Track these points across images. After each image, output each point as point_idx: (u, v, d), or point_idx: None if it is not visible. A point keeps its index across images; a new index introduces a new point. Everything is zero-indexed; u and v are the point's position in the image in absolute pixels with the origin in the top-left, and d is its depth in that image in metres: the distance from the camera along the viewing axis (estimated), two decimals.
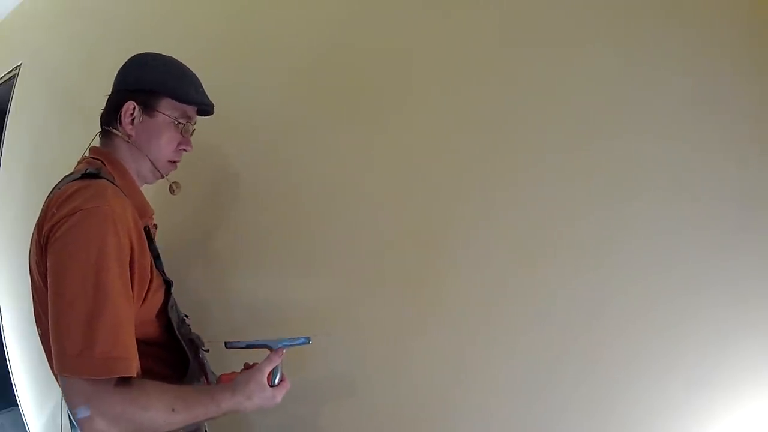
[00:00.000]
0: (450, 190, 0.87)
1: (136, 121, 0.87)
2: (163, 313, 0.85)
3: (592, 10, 0.75)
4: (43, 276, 0.73)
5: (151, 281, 0.80)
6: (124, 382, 0.68)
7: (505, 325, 0.79)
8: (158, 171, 0.91)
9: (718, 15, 0.65)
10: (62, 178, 0.84)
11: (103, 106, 0.91)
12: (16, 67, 2.66)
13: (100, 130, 0.91)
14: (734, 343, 0.61)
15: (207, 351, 0.96)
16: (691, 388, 0.63)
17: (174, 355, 0.85)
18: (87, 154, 0.90)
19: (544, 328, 0.75)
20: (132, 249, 0.74)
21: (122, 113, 0.86)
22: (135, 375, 0.68)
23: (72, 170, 0.87)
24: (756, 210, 0.61)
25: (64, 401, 0.73)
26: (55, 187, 0.82)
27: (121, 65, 0.93)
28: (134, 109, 0.86)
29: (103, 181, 0.78)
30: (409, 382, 0.90)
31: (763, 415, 0.59)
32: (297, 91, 1.15)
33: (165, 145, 0.90)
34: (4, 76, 2.78)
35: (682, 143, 0.66)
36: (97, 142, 0.91)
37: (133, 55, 0.95)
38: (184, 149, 0.93)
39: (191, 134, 0.94)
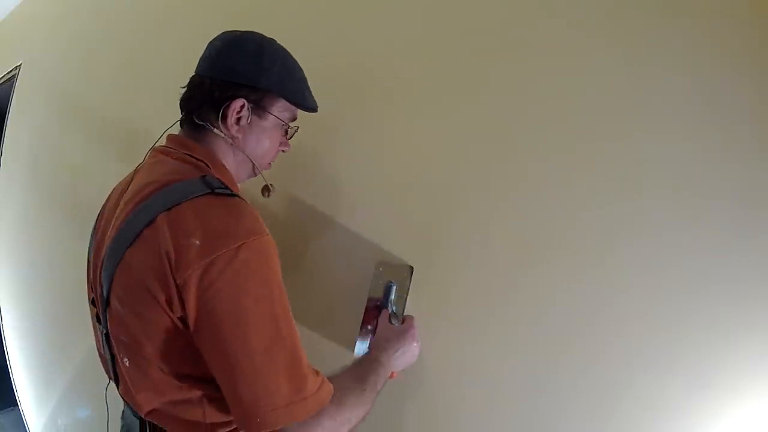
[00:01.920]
0: (450, 190, 0.87)
1: (243, 122, 0.74)
2: None
3: (592, 9, 0.75)
4: (176, 312, 0.61)
5: None
6: None
7: (506, 325, 0.79)
8: (255, 174, 0.81)
9: (718, 15, 0.65)
10: (157, 184, 0.67)
11: (184, 90, 0.77)
12: (16, 67, 2.66)
13: (184, 118, 0.78)
14: (734, 343, 0.61)
15: None
16: (691, 388, 0.63)
17: None
18: (171, 147, 0.76)
19: (544, 327, 0.75)
20: None
21: (229, 111, 0.73)
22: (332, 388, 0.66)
23: (148, 160, 0.75)
24: (756, 210, 0.61)
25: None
26: (156, 201, 0.65)
27: (220, 44, 0.76)
28: (243, 107, 0.73)
29: (242, 201, 0.67)
30: (410, 381, 0.90)
31: (764, 415, 0.59)
32: None
33: (270, 147, 0.80)
34: (4, 76, 2.79)
35: (682, 143, 0.66)
36: (173, 130, 0.79)
37: (229, 33, 0.78)
38: (284, 150, 0.85)
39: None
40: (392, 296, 0.89)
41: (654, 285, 0.66)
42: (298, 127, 0.84)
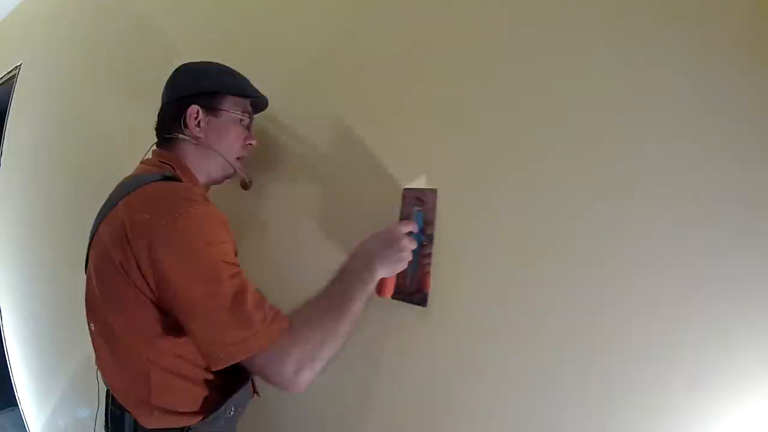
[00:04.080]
0: (450, 190, 0.87)
1: (202, 124, 0.89)
2: None
3: (592, 9, 0.75)
4: (133, 277, 0.72)
5: None
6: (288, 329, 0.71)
7: (506, 325, 0.79)
8: (231, 166, 0.94)
9: (718, 15, 0.65)
10: (129, 180, 0.83)
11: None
12: (16, 67, 2.66)
13: (158, 138, 0.93)
14: (734, 343, 0.61)
15: None
16: (691, 388, 0.63)
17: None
18: (150, 157, 0.91)
19: (544, 327, 0.75)
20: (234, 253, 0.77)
21: (187, 117, 0.88)
22: (290, 322, 0.72)
23: (136, 173, 0.87)
24: (756, 210, 0.61)
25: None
26: (122, 190, 0.80)
27: (170, 78, 0.95)
28: (198, 111, 0.89)
29: (186, 183, 0.81)
30: (410, 382, 0.90)
31: (764, 415, 0.59)
32: (298, 90, 1.15)
33: (234, 141, 0.93)
34: (4, 76, 2.78)
35: (682, 143, 0.66)
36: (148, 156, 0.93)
37: (177, 67, 0.97)
38: (251, 143, 0.97)
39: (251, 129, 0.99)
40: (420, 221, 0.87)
41: (654, 285, 0.66)
42: (252, 117, 0.98)
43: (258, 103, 1.01)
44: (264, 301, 0.72)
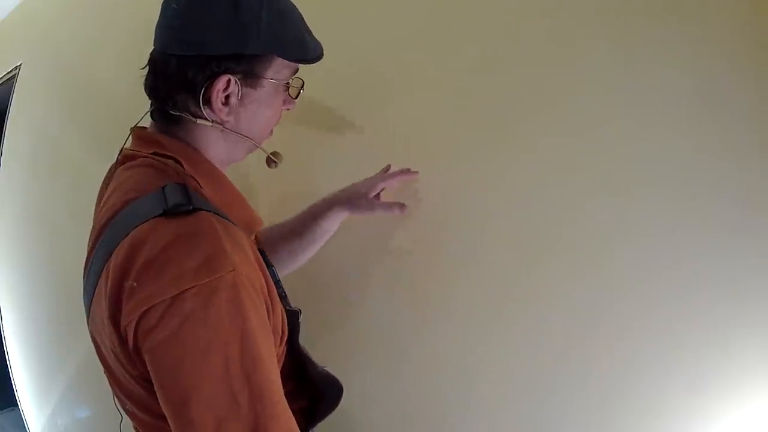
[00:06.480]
0: (451, 189, 0.87)
1: (232, 100, 0.59)
2: (290, 345, 0.66)
3: (591, 8, 0.75)
4: (136, 372, 0.52)
5: (283, 330, 0.60)
6: None
7: (506, 326, 0.79)
8: (257, 146, 0.66)
9: (717, 15, 0.65)
10: (118, 208, 0.55)
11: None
12: (16, 67, 2.65)
13: (155, 108, 0.63)
14: (734, 343, 0.60)
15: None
16: (691, 389, 0.63)
17: (302, 384, 0.69)
18: (133, 148, 0.63)
19: (543, 329, 0.75)
20: (267, 308, 0.54)
21: (213, 94, 0.57)
22: None
23: (118, 175, 0.62)
24: (756, 210, 0.61)
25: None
26: (112, 230, 0.54)
27: (180, 6, 0.57)
28: (229, 83, 0.57)
29: (203, 215, 0.51)
30: (410, 384, 0.90)
31: (764, 415, 0.59)
32: None
33: (273, 115, 0.65)
34: (4, 76, 2.78)
35: (682, 143, 0.66)
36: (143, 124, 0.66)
37: None
38: (288, 108, 0.69)
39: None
40: None
41: (653, 285, 0.66)
42: (303, 83, 0.68)
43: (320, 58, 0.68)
44: None
